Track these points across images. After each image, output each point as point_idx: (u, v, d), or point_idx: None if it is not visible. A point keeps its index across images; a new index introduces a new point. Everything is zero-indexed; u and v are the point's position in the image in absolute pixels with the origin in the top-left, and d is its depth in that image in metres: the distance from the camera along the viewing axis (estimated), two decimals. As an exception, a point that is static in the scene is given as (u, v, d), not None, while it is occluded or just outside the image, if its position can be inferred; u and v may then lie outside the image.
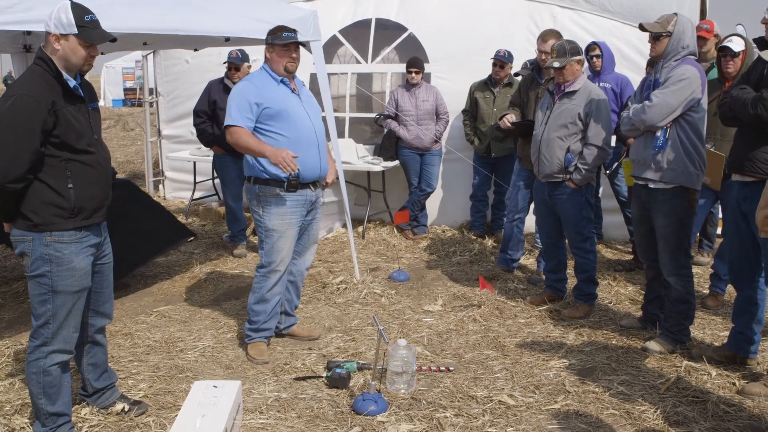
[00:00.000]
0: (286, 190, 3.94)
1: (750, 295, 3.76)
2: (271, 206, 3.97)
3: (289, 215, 4.00)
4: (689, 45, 3.90)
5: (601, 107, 4.46)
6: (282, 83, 3.99)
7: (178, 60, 8.36)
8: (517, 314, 4.83)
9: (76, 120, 2.89)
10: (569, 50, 4.49)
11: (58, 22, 2.82)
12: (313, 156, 4.00)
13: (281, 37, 3.93)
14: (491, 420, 3.37)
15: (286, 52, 3.95)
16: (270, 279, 4.08)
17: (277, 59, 3.96)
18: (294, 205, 4.00)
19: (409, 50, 7.17)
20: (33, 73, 2.87)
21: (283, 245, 4.03)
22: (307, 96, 4.14)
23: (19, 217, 2.88)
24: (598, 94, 4.51)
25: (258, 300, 4.11)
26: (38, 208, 2.85)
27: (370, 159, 6.91)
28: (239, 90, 3.96)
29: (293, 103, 3.98)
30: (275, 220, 3.98)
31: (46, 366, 2.98)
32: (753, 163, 3.48)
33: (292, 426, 3.32)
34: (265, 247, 4.05)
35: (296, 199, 3.99)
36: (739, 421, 3.31)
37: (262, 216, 4.00)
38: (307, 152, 3.95)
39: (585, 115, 4.48)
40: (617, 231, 6.55)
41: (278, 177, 3.91)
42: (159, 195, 8.92)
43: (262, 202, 3.98)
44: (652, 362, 3.99)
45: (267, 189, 3.96)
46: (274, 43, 3.95)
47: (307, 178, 4.00)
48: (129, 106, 23.56)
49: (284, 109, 3.91)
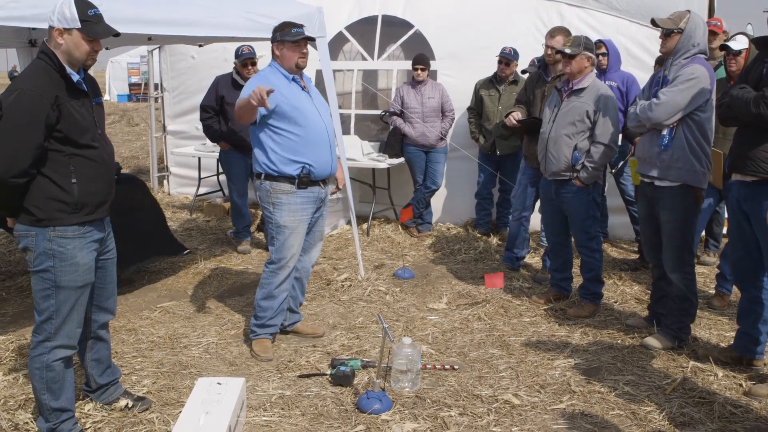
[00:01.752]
0: (297, 187, 3.94)
1: (754, 296, 3.74)
2: (282, 203, 3.96)
3: (300, 212, 4.00)
4: (700, 43, 3.87)
5: (609, 105, 4.44)
6: (293, 81, 3.97)
7: (184, 56, 8.36)
8: (522, 313, 4.81)
9: (80, 114, 2.88)
10: (584, 43, 4.50)
11: (61, 16, 2.80)
12: (325, 154, 4.01)
13: (290, 33, 3.90)
14: (496, 419, 3.35)
15: (297, 48, 3.93)
16: (279, 275, 4.07)
17: (289, 55, 3.93)
18: (304, 202, 4.00)
19: (415, 47, 7.15)
20: (36, 68, 2.86)
21: (293, 241, 4.03)
22: (316, 93, 4.13)
23: (22, 212, 2.87)
24: (607, 92, 4.48)
25: (266, 296, 4.10)
26: (41, 203, 2.84)
27: (376, 156, 6.90)
28: (254, 83, 3.89)
29: (305, 101, 3.97)
30: (286, 217, 3.98)
31: (49, 361, 2.97)
32: (753, 162, 3.44)
33: (296, 423, 3.31)
34: (277, 244, 4.05)
35: (307, 195, 3.99)
36: (745, 423, 3.29)
37: (273, 212, 4.00)
38: (319, 150, 3.96)
39: (593, 112, 4.45)
40: (623, 230, 6.53)
41: (289, 174, 3.92)
42: (164, 190, 8.93)
43: (273, 198, 3.98)
44: (658, 362, 3.97)
45: (278, 186, 3.95)
46: (285, 39, 3.92)
47: (318, 175, 4.00)
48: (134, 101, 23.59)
49: (297, 108, 3.90)
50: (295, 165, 3.92)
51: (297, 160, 3.92)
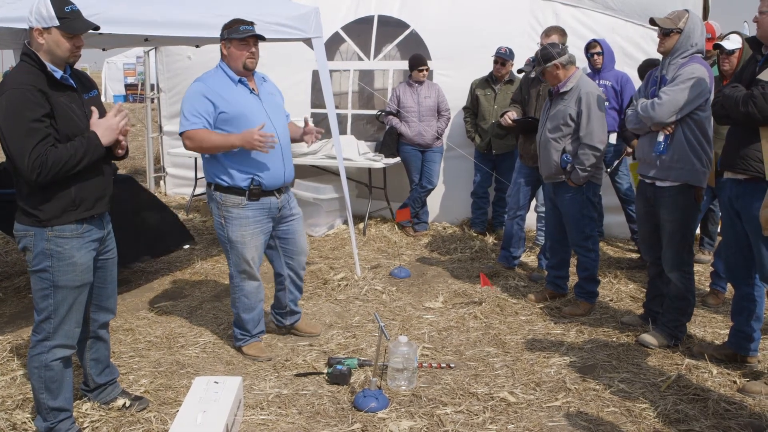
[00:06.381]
0: (248, 199, 3.77)
1: (747, 292, 3.76)
2: (233, 217, 3.80)
3: (252, 225, 3.83)
4: (698, 43, 3.88)
5: (591, 106, 4.42)
6: (240, 83, 3.77)
7: (180, 56, 8.36)
8: (518, 311, 4.83)
9: (70, 109, 2.85)
10: (541, 58, 4.52)
11: (38, 15, 2.78)
12: (275, 162, 3.81)
13: (238, 30, 3.70)
14: (492, 417, 3.37)
15: (245, 47, 3.71)
16: (245, 287, 3.98)
17: (236, 55, 3.72)
18: (257, 215, 3.83)
19: (411, 47, 7.17)
20: (19, 70, 2.83)
21: (250, 254, 3.88)
22: (268, 94, 3.91)
23: (22, 212, 2.88)
24: (589, 92, 4.45)
25: (244, 309, 4.02)
26: (40, 202, 2.84)
27: (372, 156, 6.91)
28: (192, 93, 3.74)
29: (252, 105, 3.76)
30: (238, 231, 3.82)
31: (47, 361, 2.98)
32: (744, 160, 3.47)
33: (293, 422, 3.33)
34: (232, 259, 3.90)
35: (259, 207, 3.82)
36: (739, 420, 3.31)
37: (224, 226, 3.84)
38: (268, 158, 3.76)
39: (576, 114, 4.47)
40: (618, 229, 6.55)
41: (238, 186, 3.76)
42: (160, 191, 8.93)
43: (223, 210, 3.81)
44: (653, 360, 3.99)
45: (228, 198, 3.78)
46: (231, 37, 3.71)
47: (269, 185, 3.81)
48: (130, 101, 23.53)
49: (241, 113, 3.70)
50: (244, 176, 3.75)
51: (245, 170, 3.74)
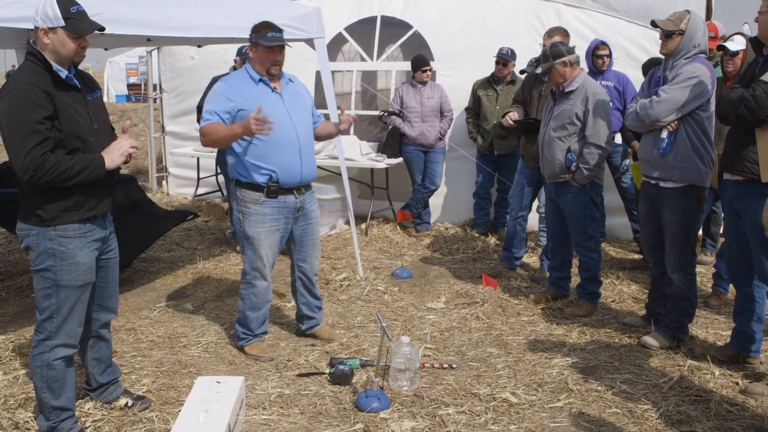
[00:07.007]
0: (266, 196, 3.81)
1: (748, 293, 3.76)
2: (250, 212, 3.84)
3: (269, 222, 3.86)
4: (700, 44, 3.88)
5: (598, 105, 4.43)
6: (261, 82, 3.81)
7: (183, 56, 8.38)
8: (520, 312, 4.83)
9: (74, 109, 2.86)
10: (551, 54, 4.51)
11: (44, 15, 2.79)
12: (293, 160, 3.83)
13: (266, 37, 3.74)
14: (494, 418, 3.37)
15: (270, 55, 3.77)
16: (257, 285, 3.99)
17: (261, 60, 3.78)
18: (274, 213, 3.86)
19: (414, 48, 7.18)
20: (24, 69, 2.85)
21: (264, 252, 3.92)
22: (291, 94, 3.94)
23: (25, 211, 2.88)
24: (596, 92, 4.46)
25: (250, 307, 4.04)
26: (43, 202, 2.84)
27: (374, 156, 6.91)
28: (213, 93, 3.80)
29: (272, 103, 3.77)
30: (254, 228, 3.85)
31: (50, 360, 2.99)
32: (742, 162, 3.47)
33: (295, 422, 3.33)
34: (248, 254, 3.94)
35: (276, 206, 3.86)
36: (742, 421, 3.30)
37: (242, 221, 3.88)
38: (286, 156, 3.80)
39: (583, 114, 4.47)
40: (621, 230, 6.55)
41: (257, 182, 3.80)
42: (162, 191, 8.94)
43: (242, 206, 3.87)
44: (655, 361, 3.99)
45: (247, 194, 3.84)
46: (258, 43, 3.76)
47: (286, 183, 3.83)
48: (133, 101, 23.57)
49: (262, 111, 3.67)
50: (262, 172, 3.79)
51: (263, 166, 3.78)
